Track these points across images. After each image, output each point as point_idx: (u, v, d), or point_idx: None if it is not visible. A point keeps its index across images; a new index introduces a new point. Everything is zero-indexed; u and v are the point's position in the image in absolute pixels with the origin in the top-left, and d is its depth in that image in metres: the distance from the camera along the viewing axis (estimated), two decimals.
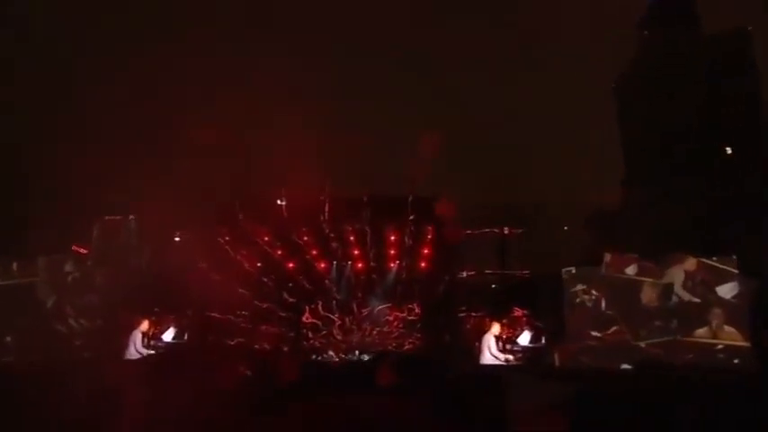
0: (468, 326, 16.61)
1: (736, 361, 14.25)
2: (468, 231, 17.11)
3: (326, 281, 18.08)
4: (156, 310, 16.53)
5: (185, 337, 16.57)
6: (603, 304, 15.35)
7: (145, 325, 16.49)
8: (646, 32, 20.08)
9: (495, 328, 15.94)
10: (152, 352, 16.30)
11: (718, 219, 15.52)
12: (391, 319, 17.69)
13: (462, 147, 17.86)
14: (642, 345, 14.76)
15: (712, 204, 15.42)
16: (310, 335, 17.61)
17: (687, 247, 14.97)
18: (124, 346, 16.17)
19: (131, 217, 17.26)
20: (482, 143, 17.92)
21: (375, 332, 17.70)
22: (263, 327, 17.22)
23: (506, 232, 17.35)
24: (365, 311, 17.82)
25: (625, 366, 14.19)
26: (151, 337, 16.31)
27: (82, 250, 16.58)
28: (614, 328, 15.01)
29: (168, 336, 16.65)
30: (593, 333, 15.31)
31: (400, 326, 17.59)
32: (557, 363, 15.57)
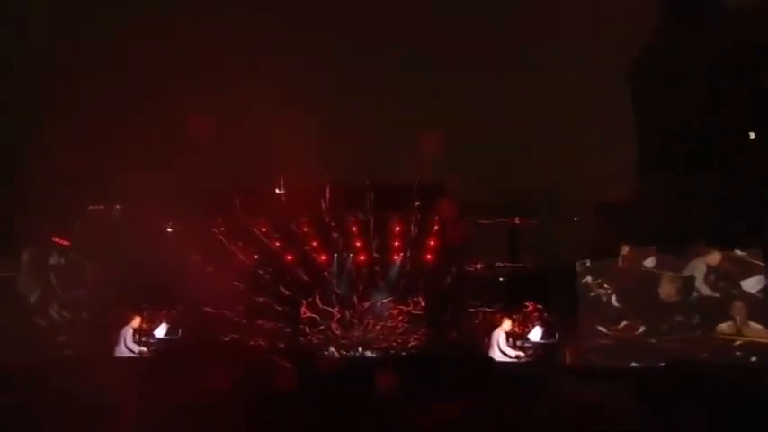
0: (477, 321, 16.14)
1: (753, 359, 13.81)
2: (482, 222, 16.65)
3: (326, 273, 17.48)
4: (144, 305, 16.15)
5: (179, 334, 16.08)
6: (620, 299, 14.79)
7: (136, 321, 16.08)
8: (665, 15, 19.43)
9: (506, 324, 15.53)
10: (144, 349, 16.09)
11: (742, 209, 15.05)
12: (395, 313, 17.14)
13: (470, 134, 17.34)
14: (654, 341, 14.41)
15: (735, 194, 14.97)
16: (308, 330, 17.08)
17: (708, 239, 14.48)
18: (114, 342, 15.79)
19: (117, 207, 16.79)
20: (491, 130, 17.43)
21: (378, 327, 17.12)
22: (260, 322, 16.69)
23: (517, 222, 16.91)
24: (366, 305, 17.23)
25: (647, 364, 13.84)
26: (142, 334, 15.90)
27: (64, 242, 16.13)
28: (632, 323, 14.60)
29: (161, 332, 16.16)
30: (609, 329, 14.89)
31: (404, 320, 17.01)
32: (568, 360, 15.26)
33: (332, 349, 16.85)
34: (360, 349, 16.88)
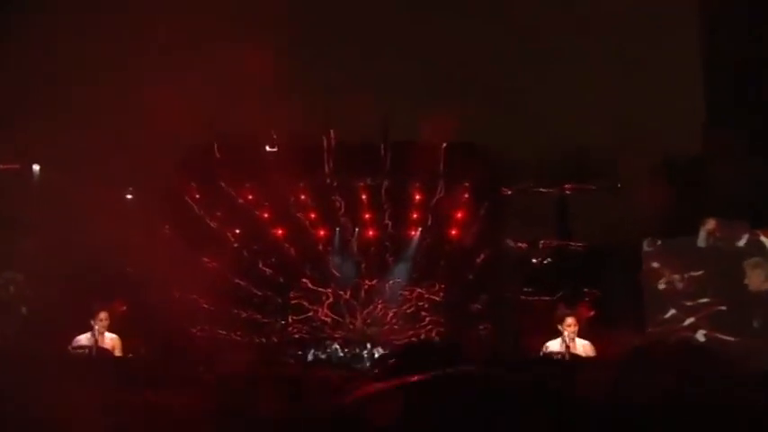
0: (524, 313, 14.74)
1: None
2: (524, 189, 15.29)
3: (321, 248, 16.05)
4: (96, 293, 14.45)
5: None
6: (699, 286, 13.11)
7: (93, 313, 14.72)
8: None
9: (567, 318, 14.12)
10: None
11: None
12: (409, 296, 15.51)
13: (511, 81, 15.64)
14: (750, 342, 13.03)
15: None
16: (290, 320, 15.73)
17: None
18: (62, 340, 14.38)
19: (35, 167, 15.16)
20: (537, 76, 15.71)
21: (391, 314, 15.38)
22: (236, 311, 15.43)
23: (568, 189, 15.44)
24: (372, 282, 15.76)
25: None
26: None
27: None
28: (717, 318, 13.20)
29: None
30: (684, 323, 13.54)
31: (425, 307, 15.41)
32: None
33: (335, 346, 15.36)
34: (369, 346, 15.29)
